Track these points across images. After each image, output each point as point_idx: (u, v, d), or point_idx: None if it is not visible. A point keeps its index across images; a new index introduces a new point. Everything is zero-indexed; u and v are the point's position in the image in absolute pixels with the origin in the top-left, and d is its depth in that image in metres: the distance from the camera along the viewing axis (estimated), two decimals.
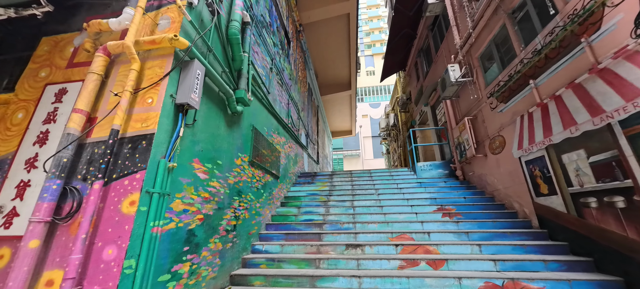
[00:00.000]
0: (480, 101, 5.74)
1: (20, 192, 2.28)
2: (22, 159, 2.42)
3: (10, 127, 2.63)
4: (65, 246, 2.02)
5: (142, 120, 2.36)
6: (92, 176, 2.23)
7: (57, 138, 2.44)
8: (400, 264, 3.59)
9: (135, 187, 2.13)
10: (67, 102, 2.60)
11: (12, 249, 2.11)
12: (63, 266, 1.97)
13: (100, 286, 1.87)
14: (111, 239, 1.99)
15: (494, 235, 4.13)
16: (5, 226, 2.18)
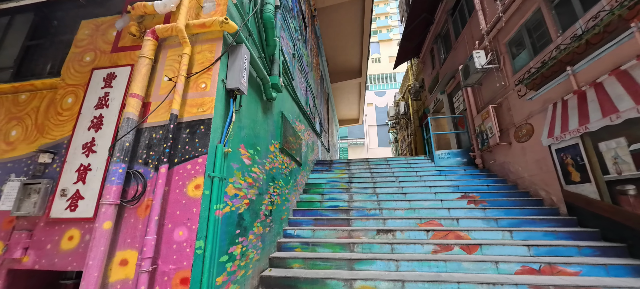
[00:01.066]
0: (507, 88, 5.66)
1: (82, 176, 2.32)
2: (78, 143, 2.44)
3: (61, 111, 2.65)
4: (135, 227, 2.08)
5: (198, 105, 2.36)
6: (152, 160, 2.26)
7: (112, 123, 2.46)
8: (434, 248, 3.67)
9: (198, 172, 2.16)
10: (117, 87, 2.60)
11: (80, 231, 2.18)
12: (135, 246, 2.03)
13: (175, 265, 1.94)
14: (180, 221, 2.04)
15: (523, 222, 4.19)
16: (71, 208, 2.24)
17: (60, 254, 2.14)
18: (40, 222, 2.26)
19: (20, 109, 2.82)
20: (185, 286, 1.89)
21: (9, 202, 2.43)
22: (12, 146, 2.67)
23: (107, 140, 2.40)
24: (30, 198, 2.28)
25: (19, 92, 2.92)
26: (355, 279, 3.11)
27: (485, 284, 2.89)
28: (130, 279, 1.96)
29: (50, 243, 2.18)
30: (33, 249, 2.19)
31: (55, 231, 2.22)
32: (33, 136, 2.67)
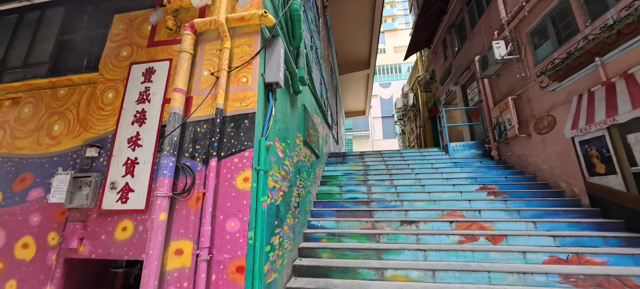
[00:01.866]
0: (528, 79, 5.60)
1: (130, 169, 2.39)
2: (123, 137, 2.50)
3: (102, 106, 2.69)
4: (187, 219, 2.15)
5: (240, 99, 2.39)
6: (199, 154, 2.32)
7: (155, 117, 2.50)
8: (459, 239, 3.73)
9: (246, 165, 2.21)
10: (157, 82, 2.63)
11: (133, 222, 2.26)
12: (188, 236, 2.11)
13: (230, 255, 2.02)
14: (232, 212, 2.11)
15: (546, 213, 4.23)
16: (122, 200, 2.31)
17: (116, 244, 2.22)
18: (92, 213, 2.35)
19: (60, 104, 2.88)
20: (240, 274, 1.97)
21: (59, 195, 2.51)
22: (56, 141, 2.74)
23: (151, 134, 2.45)
24: (82, 191, 2.36)
25: (56, 88, 2.97)
26: (386, 269, 3.19)
27: (515, 274, 2.96)
28: (186, 267, 2.04)
29: (105, 233, 2.27)
30: (88, 240, 2.28)
31: (108, 222, 2.30)
32: (76, 130, 2.73)
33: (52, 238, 2.40)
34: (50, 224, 2.44)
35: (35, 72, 3.12)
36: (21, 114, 2.94)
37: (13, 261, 2.42)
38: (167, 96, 2.55)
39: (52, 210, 2.48)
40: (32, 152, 2.75)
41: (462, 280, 3.01)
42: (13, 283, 2.35)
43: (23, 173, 2.69)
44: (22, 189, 2.63)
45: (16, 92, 3.06)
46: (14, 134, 2.88)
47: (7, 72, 3.24)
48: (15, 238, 2.48)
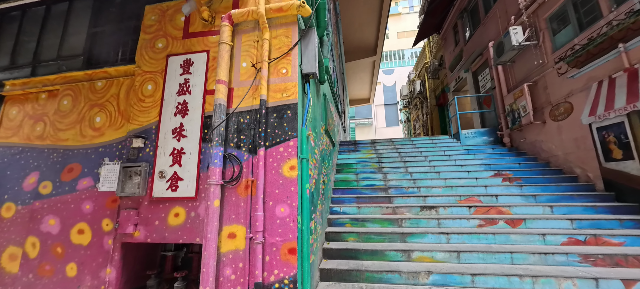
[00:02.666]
0: (545, 66, 5.59)
1: (177, 159, 2.49)
2: (167, 128, 2.59)
3: (142, 98, 2.77)
4: (237, 205, 2.28)
5: (281, 90, 2.46)
6: (244, 144, 2.41)
7: (197, 109, 2.58)
8: (479, 223, 3.89)
9: (291, 154, 2.31)
10: (196, 74, 2.68)
11: (185, 208, 2.39)
12: (240, 221, 2.24)
13: (281, 238, 2.16)
14: (280, 199, 2.23)
15: (561, 197, 4.36)
16: (172, 188, 2.43)
17: (170, 229, 2.37)
18: (143, 201, 2.48)
19: (99, 96, 2.95)
20: (293, 255, 2.11)
21: (108, 184, 2.64)
22: (100, 132, 2.83)
23: (195, 125, 2.54)
24: (132, 180, 2.48)
25: (93, 80, 3.03)
26: (412, 250, 3.37)
27: (536, 254, 3.13)
28: (240, 249, 2.19)
29: (158, 219, 2.41)
30: (142, 225, 2.43)
31: (160, 209, 2.43)
32: (118, 122, 2.81)
33: (106, 224, 2.55)
34: (103, 212, 2.58)
35: (71, 65, 3.17)
36: (61, 106, 3.02)
37: (70, 245, 2.57)
38: (208, 88, 2.62)
39: (103, 198, 2.62)
40: (76, 144, 2.85)
41: (485, 260, 3.19)
42: (73, 266, 2.52)
43: (70, 164, 2.80)
44: (71, 178, 2.75)
45: (53, 84, 3.12)
46: (55, 126, 2.97)
47: (41, 65, 3.29)
48: (70, 224, 2.62)
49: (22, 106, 3.25)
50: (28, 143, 3.09)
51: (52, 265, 2.56)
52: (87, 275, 2.46)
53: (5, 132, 3.21)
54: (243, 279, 2.14)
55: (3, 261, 2.80)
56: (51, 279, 2.52)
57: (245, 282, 2.13)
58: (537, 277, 2.84)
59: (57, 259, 2.56)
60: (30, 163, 3.01)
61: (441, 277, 2.97)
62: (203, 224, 2.31)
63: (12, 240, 2.84)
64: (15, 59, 3.41)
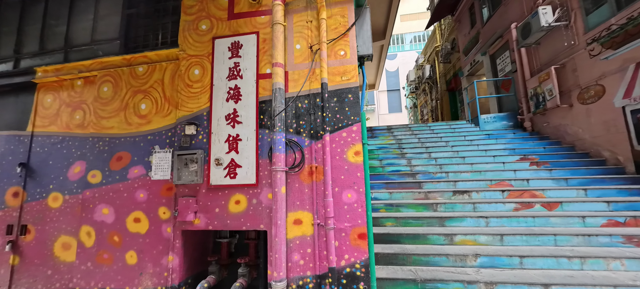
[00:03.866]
0: (575, 47, 5.45)
1: (233, 146, 2.44)
2: (220, 114, 2.51)
3: (190, 83, 2.67)
4: (301, 191, 2.25)
5: (341, 73, 2.37)
6: (304, 129, 2.35)
7: (250, 94, 2.50)
8: (515, 206, 3.92)
9: (355, 139, 2.26)
10: (246, 57, 2.58)
11: (246, 195, 2.36)
12: (305, 207, 2.23)
13: (350, 223, 2.15)
14: (346, 184, 2.20)
15: (593, 181, 4.39)
16: (231, 176, 2.40)
17: (231, 216, 2.35)
18: (201, 189, 2.44)
19: (142, 82, 2.84)
20: (363, 240, 2.11)
21: (161, 172, 2.59)
22: (146, 119, 2.75)
23: (250, 111, 2.47)
24: (189, 168, 2.43)
25: (133, 65, 2.90)
26: (454, 234, 3.40)
27: (579, 236, 3.17)
28: (307, 235, 2.19)
29: (218, 207, 2.39)
30: (201, 213, 2.41)
31: (218, 197, 2.40)
32: (165, 108, 2.73)
33: (163, 212, 2.53)
34: (158, 200, 2.55)
35: (107, 50, 3.03)
36: (101, 93, 2.91)
37: (128, 234, 2.56)
38: (260, 72, 2.52)
39: (157, 186, 2.58)
40: (122, 132, 2.77)
41: (529, 243, 3.23)
42: (133, 254, 2.52)
43: (118, 152, 2.74)
44: (121, 167, 2.70)
45: (88, 70, 3.00)
46: (97, 113, 2.88)
47: (74, 49, 3.14)
48: (124, 213, 2.60)
49: (56, 93, 3.14)
50: (68, 132, 3.01)
51: (111, 253, 2.56)
52: (148, 263, 2.47)
53: (42, 121, 3.12)
54: (312, 264, 2.15)
55: (56, 250, 2.79)
56: (111, 267, 2.53)
57: (314, 267, 2.14)
58: (585, 258, 2.88)
59: (115, 247, 2.56)
60: (73, 152, 2.95)
61: (489, 259, 3.02)
62: (266, 211, 2.29)
63: (62, 229, 2.82)
64: (45, 44, 3.26)
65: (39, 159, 3.04)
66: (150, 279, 2.43)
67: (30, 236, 2.89)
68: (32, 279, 2.79)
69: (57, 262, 2.76)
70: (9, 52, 3.33)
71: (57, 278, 2.73)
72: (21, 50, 3.32)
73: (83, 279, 2.56)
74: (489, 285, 2.68)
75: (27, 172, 3.03)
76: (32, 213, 2.93)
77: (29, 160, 3.06)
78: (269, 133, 2.41)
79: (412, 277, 2.86)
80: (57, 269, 2.75)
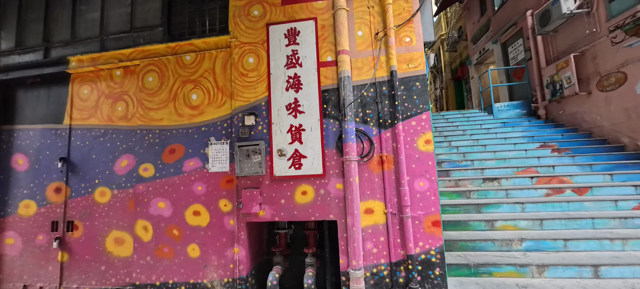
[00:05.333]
0: (597, 35, 5.51)
1: (296, 136, 2.39)
2: (281, 104, 2.45)
3: (244, 72, 2.58)
4: (371, 181, 2.25)
5: (407, 61, 2.33)
6: (371, 119, 2.32)
7: (312, 83, 2.44)
8: (547, 192, 4.03)
9: (425, 127, 2.25)
10: (304, 44, 2.49)
11: (312, 186, 2.34)
12: (376, 197, 2.23)
13: (423, 211, 2.16)
14: (418, 173, 2.20)
15: (616, 166, 4.54)
16: (296, 166, 2.36)
17: (298, 207, 2.33)
18: (264, 180, 2.41)
19: (190, 71, 2.72)
20: (437, 227, 2.14)
21: (219, 165, 2.53)
22: (199, 110, 2.66)
23: (312, 100, 2.41)
24: (251, 159, 2.39)
25: (178, 54, 2.78)
26: (495, 220, 3.48)
27: (616, 219, 3.29)
28: (379, 224, 2.20)
29: (283, 198, 2.36)
30: (266, 204, 2.38)
31: (283, 188, 2.38)
32: (219, 99, 2.64)
33: (224, 205, 2.49)
34: (218, 192, 2.51)
35: (149, 37, 2.88)
36: (145, 83, 2.79)
37: (187, 227, 2.52)
38: (321, 59, 2.45)
39: (216, 179, 2.53)
40: (173, 123, 2.68)
41: (568, 227, 3.34)
42: (194, 247, 2.49)
43: (171, 144, 2.66)
44: (175, 160, 2.63)
45: (129, 59, 2.85)
46: (144, 105, 2.76)
47: (111, 37, 2.97)
48: (182, 206, 2.55)
49: (94, 84, 2.98)
50: (111, 124, 2.89)
51: (171, 247, 2.52)
52: (211, 255, 2.44)
53: (80, 114, 2.98)
54: (386, 252, 2.17)
55: (108, 245, 2.73)
56: (173, 261, 2.49)
57: (388, 254, 2.17)
58: (626, 239, 3.01)
59: (175, 241, 2.52)
60: (118, 146, 2.84)
61: (534, 243, 3.12)
62: (334, 201, 2.28)
63: (113, 224, 2.75)
64: (77, 31, 3.07)
65: (80, 153, 2.92)
66: (216, 271, 2.42)
67: (78, 232, 2.81)
68: (84, 275, 2.74)
69: (111, 257, 2.71)
70: (37, 41, 3.13)
71: (111, 273, 2.68)
72: (50, 39, 3.12)
73: (143, 273, 2.53)
74: (540, 268, 2.78)
75: (68, 167, 2.92)
76: (78, 209, 2.84)
77: (69, 154, 2.94)
78: (333, 123, 2.38)
79: (464, 262, 2.94)
80: (111, 265, 2.69)
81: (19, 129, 3.11)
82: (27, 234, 2.90)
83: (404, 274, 2.13)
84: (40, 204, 2.92)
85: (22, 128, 3.10)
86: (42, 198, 2.93)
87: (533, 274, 2.76)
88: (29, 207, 2.94)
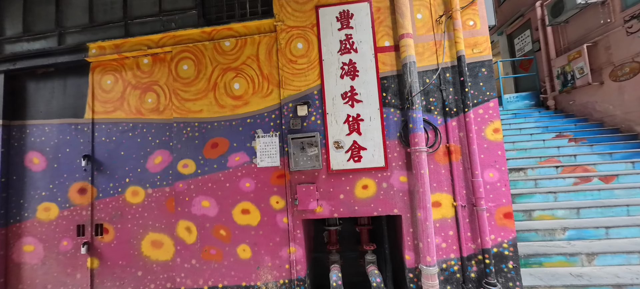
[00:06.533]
0: (611, 25, 5.57)
1: (354, 127, 2.25)
2: (335, 93, 2.29)
3: (293, 59, 2.39)
4: (437, 172, 2.14)
5: (472, 45, 2.21)
6: (434, 107, 2.20)
7: (369, 69, 2.28)
8: (575, 181, 4.07)
9: (493, 116, 2.15)
10: (359, 28, 2.33)
11: (374, 179, 2.21)
12: (443, 189, 2.13)
13: (494, 203, 2.08)
14: (487, 163, 2.11)
15: (634, 154, 4.63)
16: (355, 159, 2.22)
17: (359, 202, 2.20)
18: (320, 174, 2.26)
19: (231, 58, 2.50)
20: (509, 219, 2.06)
21: (268, 159, 2.36)
22: (242, 100, 2.45)
23: (370, 88, 2.26)
24: (306, 152, 2.22)
25: (215, 39, 2.55)
26: (532, 210, 3.48)
27: None
28: (448, 218, 2.10)
29: (342, 193, 2.22)
30: (324, 200, 2.24)
31: (341, 182, 2.24)
32: (265, 88, 2.44)
33: (276, 202, 2.32)
34: (268, 189, 2.34)
35: (182, 22, 2.62)
36: (180, 72, 2.55)
37: (236, 227, 2.35)
38: (378, 44, 2.30)
39: (265, 174, 2.35)
40: (214, 115, 2.47)
41: (604, 214, 3.37)
42: (245, 247, 2.32)
43: (213, 138, 2.45)
44: (218, 155, 2.43)
45: (159, 46, 2.60)
46: (179, 95, 2.53)
47: (136, 22, 2.69)
48: (229, 205, 2.37)
49: (118, 73, 2.71)
50: (141, 117, 2.63)
51: (219, 248, 2.34)
52: (264, 256, 2.28)
53: (103, 107, 2.70)
54: (455, 246, 2.08)
55: (144, 249, 2.51)
56: (221, 263, 2.31)
57: (458, 249, 2.08)
58: None
59: (222, 242, 2.34)
60: (150, 140, 2.60)
61: (576, 232, 3.12)
62: (398, 194, 2.16)
63: (149, 226, 2.53)
64: (95, 15, 2.76)
65: (106, 149, 2.66)
66: (270, 272, 2.26)
67: (108, 235, 2.58)
68: (118, 282, 2.52)
69: (148, 262, 2.50)
70: (49, 26, 2.80)
71: (150, 278, 2.47)
72: (64, 24, 2.80)
73: (188, 277, 2.34)
74: (589, 256, 2.78)
75: (93, 165, 2.65)
76: (107, 211, 2.60)
77: (94, 151, 2.67)
78: (394, 112, 2.24)
79: None
80: (150, 270, 2.48)
81: (31, 124, 2.80)
82: (49, 239, 2.64)
83: (475, 269, 2.05)
84: (63, 206, 2.65)
85: (35, 123, 2.79)
86: (64, 200, 2.66)
87: (583, 263, 2.76)
88: (50, 210, 2.67)
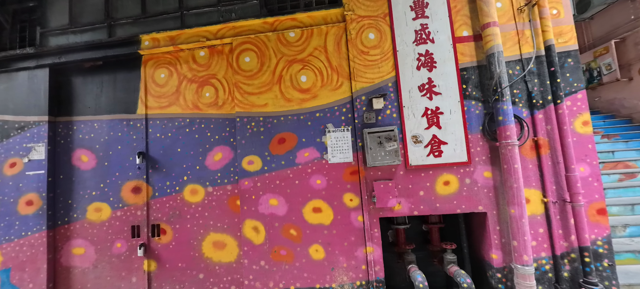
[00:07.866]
0: None
1: (433, 121, 2.15)
2: (412, 85, 2.19)
3: (365, 50, 2.29)
4: (524, 167, 2.05)
5: (556, 35, 2.13)
6: (519, 99, 2.12)
7: (447, 60, 2.19)
8: (620, 177, 4.00)
9: (581, 108, 2.07)
10: (434, 17, 2.23)
11: (456, 175, 2.11)
12: (531, 184, 2.04)
13: (586, 199, 1.99)
14: (578, 158, 2.02)
15: None
16: (435, 154, 2.13)
17: (440, 199, 2.11)
18: (397, 170, 2.16)
19: (296, 50, 2.39)
20: (602, 215, 1.98)
21: (340, 154, 2.25)
22: (310, 93, 2.34)
23: (449, 79, 2.17)
24: (384, 147, 2.12)
25: (278, 30, 2.43)
26: None
27: None
28: (537, 215, 2.01)
29: (422, 189, 2.13)
30: (402, 197, 2.14)
31: (421, 178, 2.14)
32: (334, 80, 2.33)
33: (350, 200, 2.22)
34: (341, 186, 2.23)
35: (242, 12, 2.50)
36: (242, 64, 2.43)
37: (307, 226, 2.24)
38: (456, 34, 2.20)
39: (338, 171, 2.24)
40: (280, 109, 2.35)
41: None
42: (318, 247, 2.22)
43: (279, 133, 2.33)
44: (286, 151, 2.31)
45: (217, 38, 2.48)
46: (241, 89, 2.41)
47: (192, 13, 2.57)
48: (299, 203, 2.26)
49: (172, 67, 2.58)
50: (198, 112, 2.51)
51: (289, 249, 2.22)
52: (339, 256, 2.17)
53: (157, 102, 2.57)
54: (546, 244, 1.99)
55: (206, 250, 2.39)
56: (293, 265, 2.20)
57: (549, 247, 1.99)
58: None
59: (293, 242, 2.22)
60: (209, 136, 2.48)
61: (637, 229, 3.05)
62: (483, 190, 2.07)
63: (211, 226, 2.41)
64: (148, 6, 2.63)
65: (162, 146, 2.53)
66: (346, 273, 2.15)
67: (166, 237, 2.45)
68: (178, 285, 2.39)
69: (210, 263, 2.38)
70: (98, 17, 2.67)
71: (213, 281, 2.35)
72: (114, 15, 2.67)
73: (258, 279, 2.22)
74: None
75: (148, 162, 2.53)
76: (164, 211, 2.47)
77: (148, 149, 2.55)
78: (476, 105, 2.15)
79: None
80: (212, 272, 2.36)
81: (79, 120, 2.66)
82: (101, 241, 2.50)
83: (568, 268, 1.96)
84: (115, 206, 2.52)
85: (83, 120, 2.66)
86: (116, 200, 2.53)
87: None
88: (101, 211, 2.53)
